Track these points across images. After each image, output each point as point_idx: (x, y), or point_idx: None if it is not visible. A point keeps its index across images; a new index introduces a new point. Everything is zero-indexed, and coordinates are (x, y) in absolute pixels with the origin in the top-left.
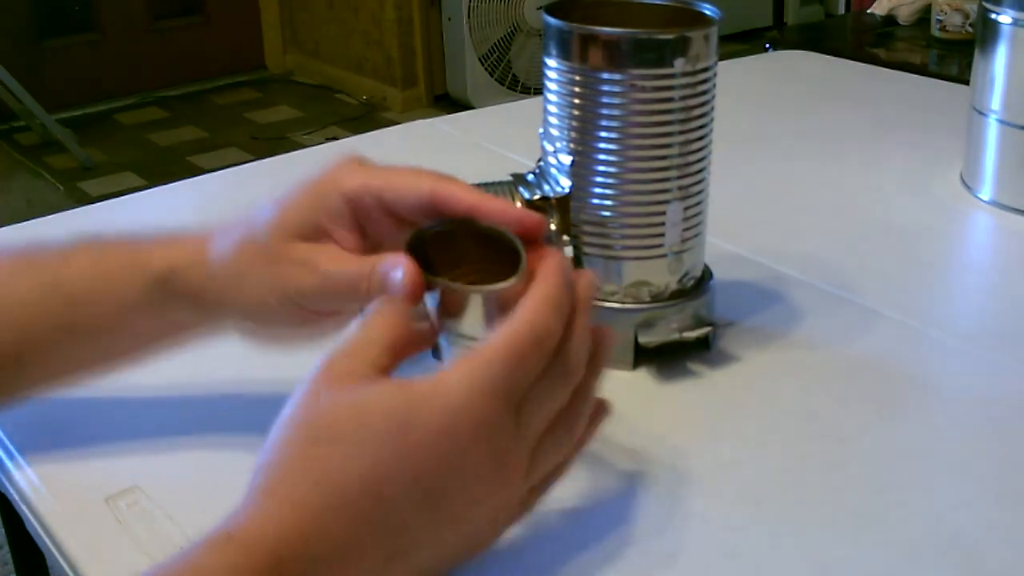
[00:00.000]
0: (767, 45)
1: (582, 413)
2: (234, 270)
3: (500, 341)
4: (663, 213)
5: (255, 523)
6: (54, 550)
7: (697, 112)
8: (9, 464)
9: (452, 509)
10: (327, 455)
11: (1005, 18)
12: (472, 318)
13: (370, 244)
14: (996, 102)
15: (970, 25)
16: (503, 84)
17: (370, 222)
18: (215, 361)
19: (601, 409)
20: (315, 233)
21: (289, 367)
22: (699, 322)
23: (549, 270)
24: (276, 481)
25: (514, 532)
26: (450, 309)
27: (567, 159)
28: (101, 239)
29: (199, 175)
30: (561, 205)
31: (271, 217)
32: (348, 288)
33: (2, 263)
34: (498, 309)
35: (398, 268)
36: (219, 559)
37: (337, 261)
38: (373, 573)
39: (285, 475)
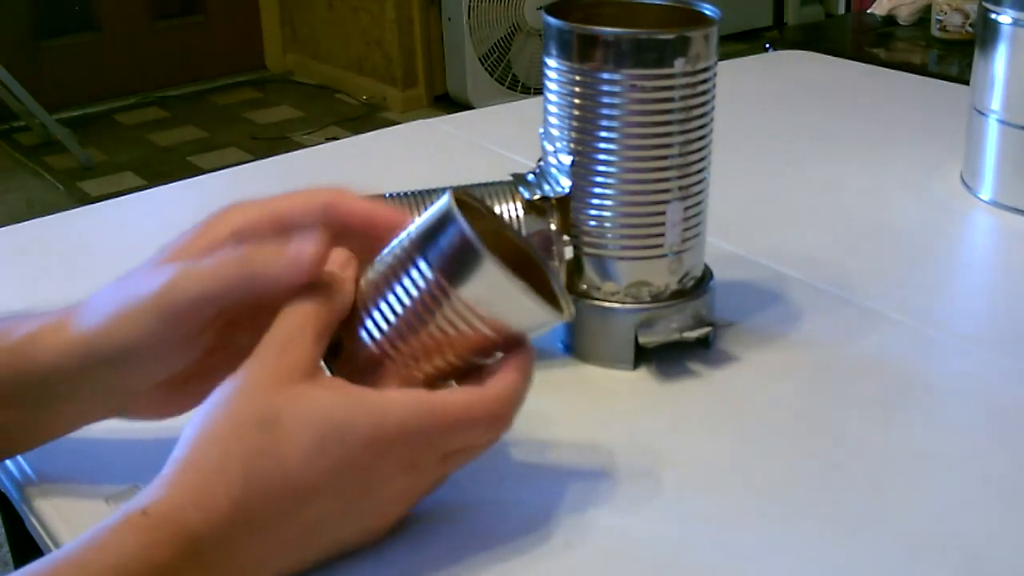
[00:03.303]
0: (767, 45)
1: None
2: (111, 301)
3: (462, 403)
4: (663, 213)
5: (172, 500)
6: (54, 550)
7: (697, 112)
8: (9, 464)
9: (364, 506)
10: (259, 445)
11: (1005, 18)
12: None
13: None
14: (996, 102)
15: (970, 25)
16: (503, 84)
17: None
18: None
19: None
20: None
21: None
22: (699, 322)
23: (521, 366)
24: (197, 462)
25: (508, 531)
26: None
27: (567, 159)
28: None
29: (199, 175)
30: (561, 205)
31: (154, 259)
32: (242, 271)
33: None
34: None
35: (307, 241)
36: (133, 536)
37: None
38: (280, 551)
39: (210, 458)
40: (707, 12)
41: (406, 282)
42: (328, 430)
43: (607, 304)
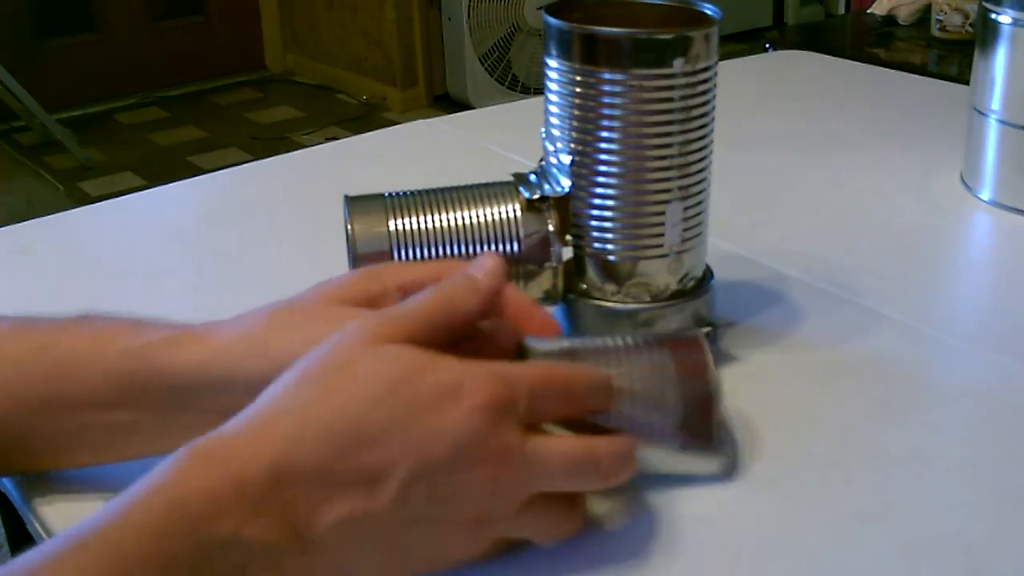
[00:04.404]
0: (767, 45)
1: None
2: (258, 333)
3: (544, 366)
4: (663, 213)
5: (221, 438)
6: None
7: (697, 112)
8: None
9: (438, 478)
10: (325, 386)
11: (1005, 18)
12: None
13: None
14: (996, 102)
15: (970, 25)
16: (503, 84)
17: None
18: None
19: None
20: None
21: None
22: (699, 322)
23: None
24: (259, 406)
25: None
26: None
27: (567, 159)
28: (104, 312)
29: (199, 175)
30: (560, 205)
31: (311, 290)
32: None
33: (1, 326)
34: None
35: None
36: (198, 478)
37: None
38: (344, 500)
39: (273, 401)
40: (707, 12)
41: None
42: (401, 371)
43: (607, 304)
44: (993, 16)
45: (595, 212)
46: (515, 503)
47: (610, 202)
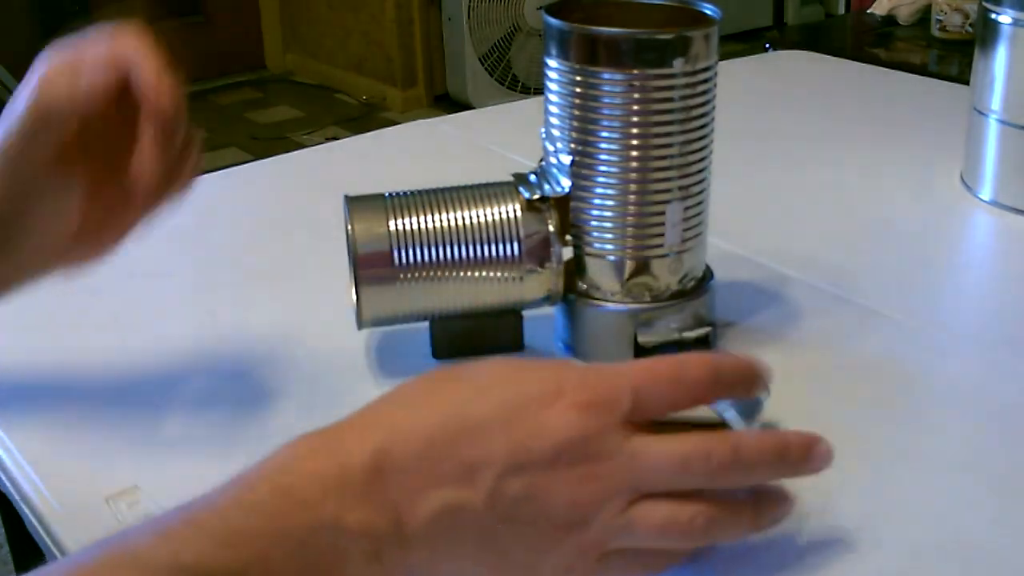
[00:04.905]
0: (767, 45)
1: (712, 522)
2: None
3: (650, 361)
4: (663, 213)
5: (351, 430)
6: (54, 550)
7: (697, 112)
8: (9, 464)
9: (534, 478)
10: (432, 387)
11: (1005, 18)
12: None
13: None
14: (996, 102)
15: (970, 25)
16: (503, 84)
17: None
18: (215, 359)
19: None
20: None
21: (290, 367)
22: (699, 322)
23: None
24: (378, 406)
25: None
26: None
27: (567, 159)
28: None
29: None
30: (560, 205)
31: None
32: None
33: None
34: None
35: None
36: (306, 462)
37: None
38: (440, 491)
39: (390, 401)
40: (707, 12)
41: None
42: (505, 371)
43: (607, 304)
44: (993, 16)
45: (595, 212)
46: (618, 504)
47: (610, 202)
